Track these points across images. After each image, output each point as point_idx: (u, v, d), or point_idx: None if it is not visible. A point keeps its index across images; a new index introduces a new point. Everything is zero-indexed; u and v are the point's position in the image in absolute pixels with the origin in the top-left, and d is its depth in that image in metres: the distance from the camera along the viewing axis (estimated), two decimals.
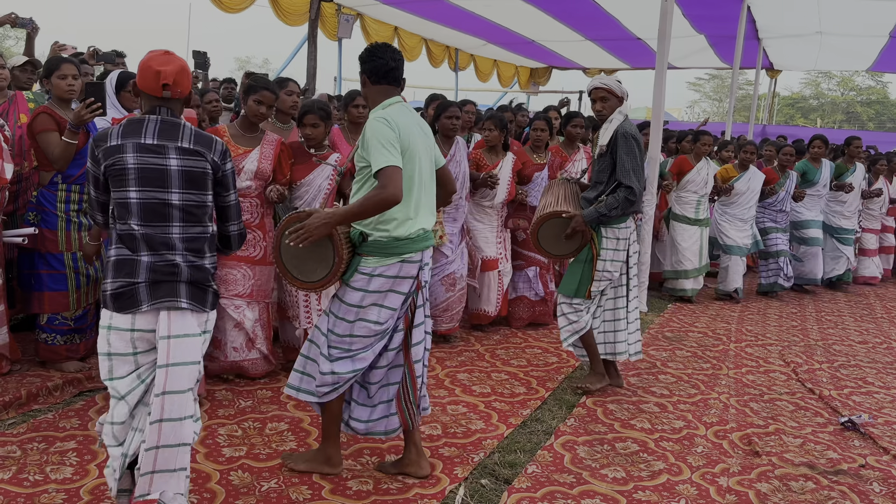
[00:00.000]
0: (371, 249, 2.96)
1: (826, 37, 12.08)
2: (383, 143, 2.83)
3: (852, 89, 50.61)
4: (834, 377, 5.11)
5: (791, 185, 7.54)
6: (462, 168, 5.06)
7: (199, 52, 6.81)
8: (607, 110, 4.21)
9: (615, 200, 4.09)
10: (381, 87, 3.05)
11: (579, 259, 4.30)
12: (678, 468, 3.50)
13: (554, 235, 4.30)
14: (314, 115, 4.16)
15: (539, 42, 14.35)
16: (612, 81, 4.22)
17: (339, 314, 3.02)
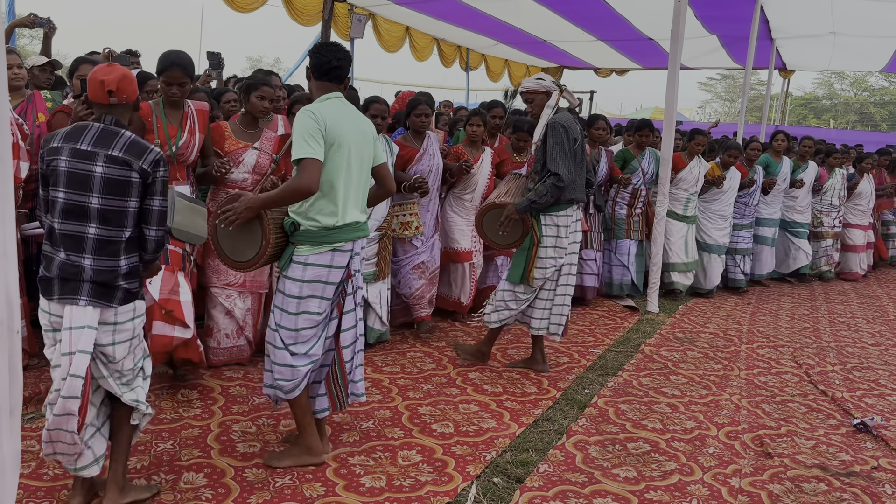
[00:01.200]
0: (302, 238, 3.10)
1: (840, 37, 12.02)
2: (304, 136, 2.96)
3: (865, 90, 50.26)
4: (846, 379, 5.10)
5: (759, 177, 7.76)
6: (435, 161, 5.24)
7: (212, 52, 6.84)
8: (537, 109, 4.41)
9: (543, 188, 4.28)
10: (322, 83, 3.21)
11: (523, 247, 4.50)
12: (690, 469, 3.51)
13: (497, 226, 4.49)
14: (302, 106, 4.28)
15: (550, 42, 14.34)
16: (531, 82, 4.40)
17: (283, 306, 3.15)
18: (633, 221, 6.88)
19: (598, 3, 10.66)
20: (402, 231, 5.15)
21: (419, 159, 5.18)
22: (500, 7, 11.41)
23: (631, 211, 6.87)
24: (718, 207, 7.52)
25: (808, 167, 8.35)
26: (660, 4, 10.19)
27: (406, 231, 5.15)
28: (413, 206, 5.17)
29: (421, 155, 5.18)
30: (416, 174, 5.09)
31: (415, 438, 3.65)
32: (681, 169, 7.02)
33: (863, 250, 9.26)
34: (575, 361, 5.02)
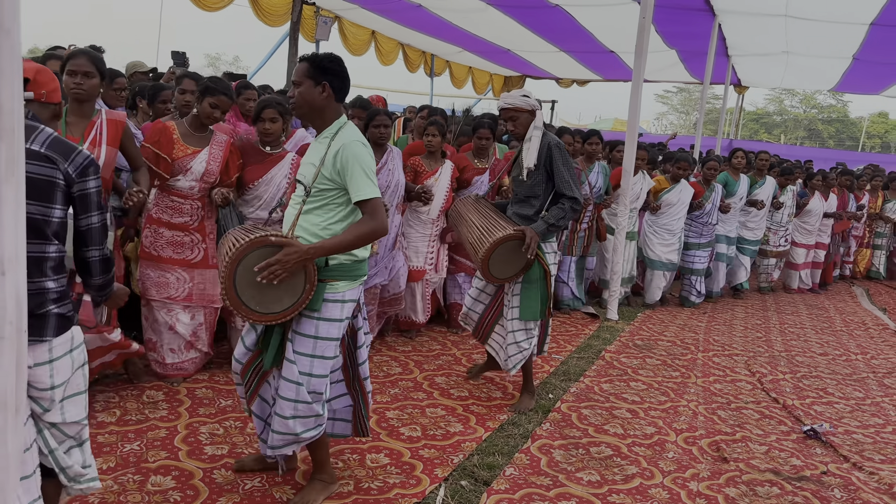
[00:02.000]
0: (338, 273, 2.82)
1: (792, 56, 12.44)
2: (367, 172, 2.73)
3: (814, 107, 51.86)
4: (797, 387, 5.29)
5: (717, 197, 7.63)
6: (395, 177, 4.91)
7: (177, 52, 6.80)
8: (520, 128, 4.07)
9: (562, 211, 3.99)
10: (337, 106, 2.87)
11: (531, 279, 4.07)
12: (650, 472, 3.62)
13: (502, 259, 3.96)
14: (272, 110, 4.08)
15: (514, 51, 14.53)
16: (516, 98, 4.05)
17: (319, 352, 2.84)
18: (577, 237, 6.67)
19: (563, 16, 10.86)
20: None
21: (377, 174, 4.75)
22: (465, 17, 11.53)
23: (576, 226, 6.65)
24: (665, 221, 7.34)
25: (766, 182, 8.29)
26: (622, 19, 10.46)
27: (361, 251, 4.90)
28: None
29: (379, 169, 4.79)
30: None
31: (383, 442, 3.70)
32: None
33: (804, 268, 9.25)
34: (538, 367, 5.11)
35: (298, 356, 2.83)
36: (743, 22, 10.53)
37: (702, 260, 7.74)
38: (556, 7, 10.41)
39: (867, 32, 10.07)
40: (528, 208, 4.12)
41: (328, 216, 2.80)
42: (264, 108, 4.09)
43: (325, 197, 2.79)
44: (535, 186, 4.08)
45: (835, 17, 9.47)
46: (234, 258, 2.64)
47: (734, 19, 10.43)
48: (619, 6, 9.87)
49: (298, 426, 2.86)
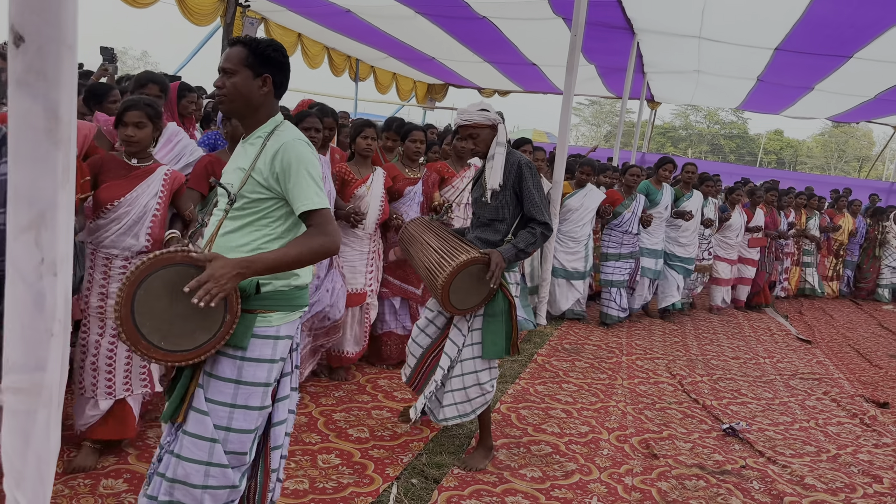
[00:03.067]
0: (272, 302, 2.29)
1: (703, 75, 13.13)
2: (315, 178, 2.25)
3: (717, 122, 54.41)
4: (714, 389, 5.65)
5: (638, 206, 7.31)
6: (326, 186, 4.29)
7: (105, 47, 6.62)
8: (482, 146, 3.62)
9: (532, 236, 3.56)
10: (276, 103, 2.42)
11: (494, 313, 3.58)
12: (588, 469, 3.83)
13: (463, 287, 3.45)
14: (139, 112, 3.21)
15: (438, 60, 14.74)
16: (474, 114, 3.60)
17: (240, 401, 2.24)
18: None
19: (489, 27, 11.13)
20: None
21: None
22: (393, 23, 11.66)
23: None
24: (568, 229, 7.08)
25: (693, 195, 8.01)
26: (546, 33, 10.83)
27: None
28: None
29: None
30: None
31: (332, 443, 3.77)
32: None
33: (727, 284, 8.98)
34: None
35: (213, 406, 2.23)
36: (660, 41, 11.06)
37: (622, 272, 7.34)
38: (483, 19, 10.67)
39: (772, 56, 10.77)
40: (492, 233, 3.66)
41: (260, 234, 2.28)
42: (128, 109, 3.23)
43: (256, 210, 2.28)
44: (502, 209, 3.63)
45: (744, 40, 10.09)
46: (132, 279, 2.06)
47: (652, 38, 10.95)
48: (544, 21, 10.22)
49: (208, 500, 2.24)
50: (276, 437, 2.41)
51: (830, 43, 9.67)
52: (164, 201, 3.33)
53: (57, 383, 1.34)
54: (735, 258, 8.97)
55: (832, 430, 4.97)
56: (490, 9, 10.11)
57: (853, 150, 52.45)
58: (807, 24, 8.90)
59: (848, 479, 4.07)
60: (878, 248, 11.51)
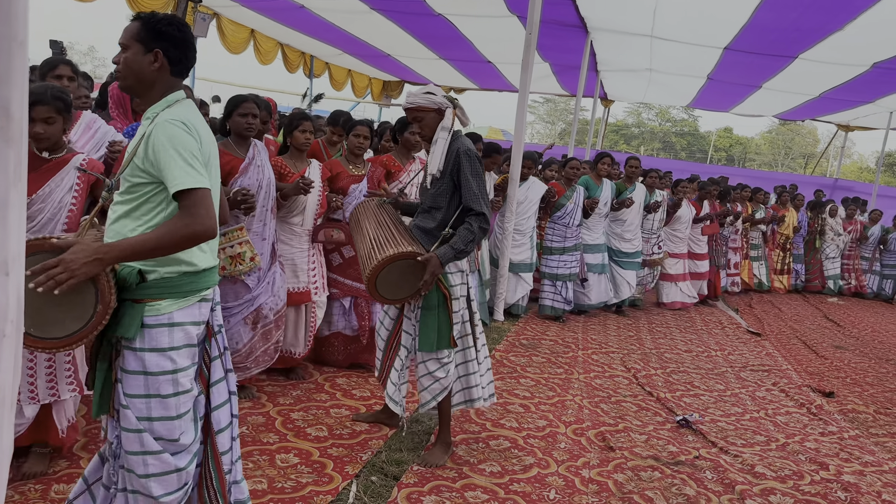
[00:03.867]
0: (158, 290, 2.22)
1: (655, 74, 13.33)
2: (186, 157, 2.14)
3: (668, 120, 55.37)
4: (667, 381, 5.76)
5: (579, 198, 7.40)
6: (266, 174, 4.21)
7: (55, 41, 6.45)
8: (426, 129, 3.60)
9: (470, 232, 3.49)
10: (173, 79, 2.32)
11: (429, 306, 3.58)
12: (546, 462, 3.87)
13: (394, 277, 3.46)
14: (47, 108, 2.98)
15: (394, 56, 14.69)
16: (420, 96, 3.58)
17: (153, 391, 2.23)
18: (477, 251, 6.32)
19: (445, 24, 11.12)
20: (234, 266, 3.98)
21: (244, 171, 4.10)
22: (348, 19, 11.58)
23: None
24: (518, 223, 7.07)
25: (636, 189, 8.08)
26: (502, 31, 10.88)
27: (239, 265, 3.99)
28: (240, 233, 4.00)
29: (247, 166, 4.11)
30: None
31: (290, 442, 3.74)
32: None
33: (681, 279, 9.00)
34: None
35: (131, 399, 2.23)
36: (612, 40, 11.19)
37: (568, 265, 7.40)
38: (439, 16, 10.66)
39: (721, 55, 10.98)
40: (430, 220, 3.64)
41: (145, 219, 2.22)
42: (34, 104, 2.97)
43: (139, 194, 2.21)
44: (439, 197, 3.60)
45: (694, 39, 10.27)
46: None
47: (605, 37, 11.07)
48: (499, 18, 10.26)
49: (154, 487, 2.24)
50: (218, 420, 2.40)
51: (777, 44, 9.92)
52: (81, 194, 3.15)
53: (10, 384, 1.31)
54: (685, 252, 9.09)
55: (781, 419, 5.11)
56: (446, 5, 10.10)
57: (799, 147, 53.91)
58: (754, 26, 9.11)
59: (796, 467, 4.19)
60: (819, 240, 11.88)
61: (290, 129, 4.55)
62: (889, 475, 4.26)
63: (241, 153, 4.14)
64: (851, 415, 5.44)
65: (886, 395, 6.14)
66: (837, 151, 25.51)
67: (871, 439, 4.92)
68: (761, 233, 11.08)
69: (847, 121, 16.71)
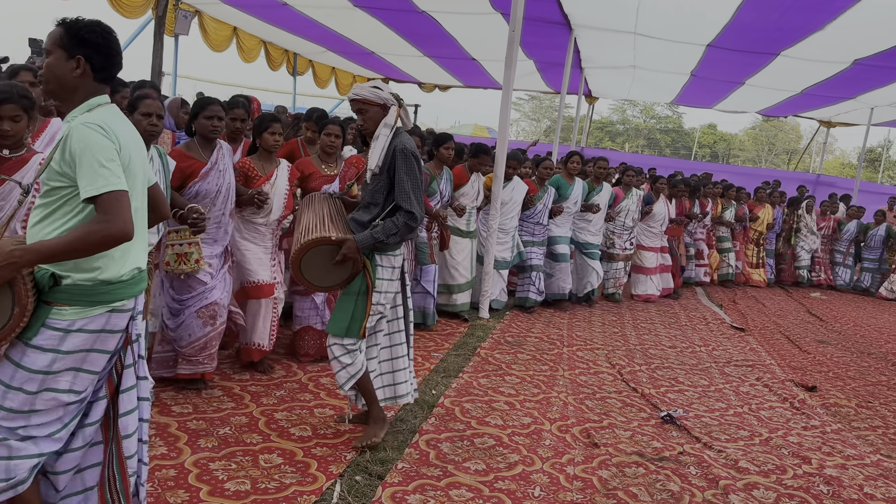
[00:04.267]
0: (68, 297, 2.22)
1: (639, 70, 13.38)
2: (102, 160, 2.14)
3: (653, 117, 55.59)
4: (652, 377, 5.77)
5: (549, 198, 7.57)
6: (226, 179, 4.24)
7: (35, 39, 6.39)
8: (369, 123, 3.66)
9: (394, 226, 3.59)
10: (98, 87, 2.34)
11: (350, 291, 3.68)
12: (531, 459, 3.87)
13: (321, 263, 3.62)
14: (14, 106, 3.12)
15: (378, 54, 14.66)
16: (366, 89, 3.63)
17: (15, 383, 2.22)
18: (431, 245, 6.38)
19: (429, 21, 11.11)
20: (178, 265, 4.05)
21: (205, 175, 4.13)
22: (331, 16, 11.54)
23: (430, 234, 6.36)
24: (501, 220, 7.15)
25: (603, 189, 8.26)
26: (486, 29, 10.88)
27: (183, 265, 4.05)
28: (193, 234, 4.03)
29: (208, 170, 4.13)
30: (198, 194, 4.12)
31: (274, 442, 3.72)
32: (462, 184, 6.69)
33: (654, 272, 9.26)
34: (419, 365, 5.28)
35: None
36: (596, 37, 11.22)
37: (538, 256, 7.64)
38: (423, 13, 10.65)
39: (704, 52, 11.05)
40: (366, 215, 3.71)
41: (61, 223, 2.22)
42: (4, 101, 3.12)
43: (57, 198, 2.22)
44: (377, 193, 3.68)
45: (678, 37, 10.32)
46: None
47: (589, 34, 11.09)
48: (483, 16, 10.26)
49: None
50: (125, 426, 2.41)
51: (759, 42, 9.99)
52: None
53: None
54: (658, 247, 9.30)
55: (764, 414, 5.14)
56: (430, 2, 10.09)
57: (782, 143, 54.27)
58: (737, 24, 9.17)
59: (779, 462, 4.22)
60: (793, 236, 12.14)
61: (260, 130, 4.55)
62: (871, 468, 4.30)
63: (205, 156, 4.17)
64: (834, 409, 5.48)
65: (868, 388, 6.20)
66: (820, 147, 25.72)
67: (853, 433, 4.96)
68: (730, 229, 11.23)
69: (829, 117, 16.85)
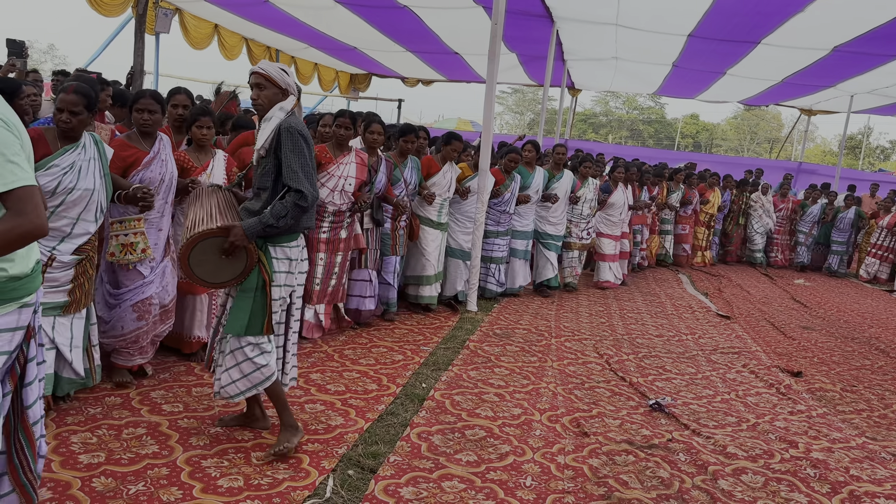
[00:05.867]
0: None
1: (621, 62, 13.44)
2: (8, 155, 2.05)
3: (636, 108, 55.80)
4: (639, 366, 5.82)
5: (516, 187, 7.65)
6: (168, 168, 4.26)
7: (13, 40, 6.32)
8: (264, 100, 3.48)
9: (283, 208, 3.40)
10: None
11: (246, 288, 3.48)
12: (522, 450, 3.90)
13: (211, 258, 3.40)
14: None
15: (360, 49, 14.63)
16: (273, 68, 3.49)
17: None
18: (398, 236, 6.30)
19: (410, 17, 11.10)
20: (124, 255, 4.01)
21: (147, 164, 4.13)
22: (313, 13, 11.50)
23: (395, 224, 6.26)
24: (469, 209, 7.16)
25: (563, 176, 8.26)
26: (467, 22, 10.88)
27: (129, 255, 4.02)
28: (137, 223, 4.05)
29: (151, 159, 4.15)
30: (141, 182, 4.07)
31: (265, 439, 3.72)
32: (433, 173, 6.66)
33: (613, 259, 9.37)
34: (409, 358, 5.30)
35: None
36: (578, 29, 11.26)
37: (501, 248, 7.71)
38: (404, 8, 10.64)
39: (686, 43, 11.11)
40: (257, 202, 3.55)
41: None
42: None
43: None
44: (265, 177, 3.52)
45: (659, 27, 10.37)
46: None
47: (570, 26, 11.13)
48: (464, 10, 10.26)
49: None
50: (34, 415, 2.44)
51: (739, 30, 10.04)
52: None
53: None
54: (618, 234, 9.41)
55: (751, 400, 5.20)
56: None
57: (764, 132, 54.66)
58: (717, 11, 9.21)
59: (766, 446, 4.27)
60: (742, 217, 12.85)
61: (190, 124, 4.58)
62: (856, 451, 4.36)
63: (146, 146, 4.17)
64: (819, 393, 5.55)
65: (852, 373, 6.28)
66: (801, 136, 25.91)
67: (838, 416, 5.03)
68: (674, 212, 11.67)
69: (810, 105, 16.99)
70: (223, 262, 3.41)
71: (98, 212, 3.70)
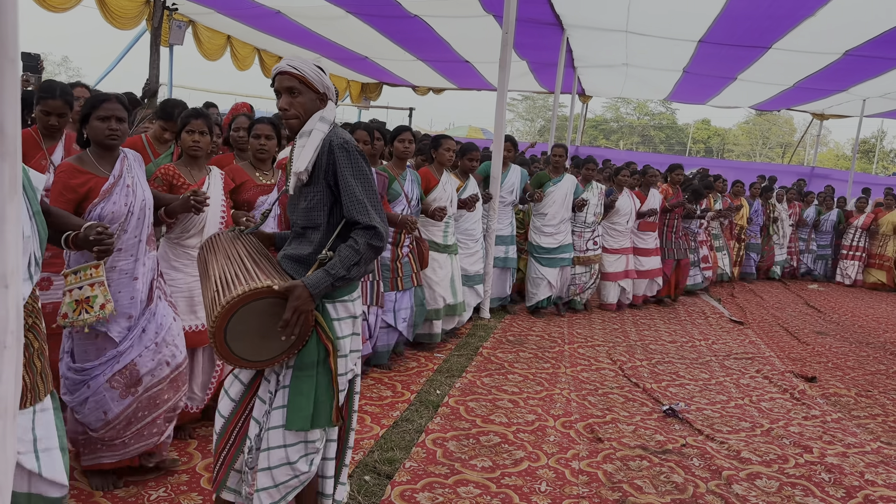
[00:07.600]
0: None
1: (631, 68, 13.45)
2: None
3: (647, 114, 55.70)
4: (653, 372, 5.83)
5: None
6: (139, 195, 3.12)
7: (28, 53, 6.42)
8: (299, 109, 2.61)
9: (354, 252, 2.49)
10: None
11: (304, 364, 2.51)
12: (536, 455, 3.93)
13: (256, 328, 2.41)
14: None
15: (371, 59, 14.73)
16: (308, 67, 2.59)
17: None
18: (400, 265, 5.18)
19: (421, 26, 11.18)
20: (78, 315, 2.91)
21: (106, 194, 3.02)
22: (324, 24, 11.60)
23: (397, 252, 5.16)
24: (467, 226, 6.37)
25: (563, 179, 7.33)
26: (478, 31, 10.96)
27: (85, 313, 2.91)
28: (95, 271, 2.94)
29: (110, 186, 3.03)
30: (102, 219, 2.98)
31: None
32: (433, 187, 5.59)
33: (619, 278, 8.10)
34: (423, 366, 5.34)
35: None
36: (588, 36, 11.29)
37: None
38: (414, 17, 10.71)
39: (696, 48, 11.11)
40: (304, 245, 2.64)
41: None
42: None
43: None
44: (313, 211, 2.60)
45: (669, 33, 10.39)
46: None
47: (580, 33, 11.17)
48: (475, 18, 10.33)
49: None
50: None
51: (750, 35, 10.05)
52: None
53: (12, 394, 1.34)
54: (627, 247, 8.16)
55: (765, 405, 5.20)
56: (421, 7, 10.15)
57: (776, 137, 54.41)
58: (727, 16, 9.23)
59: (781, 451, 4.27)
60: (772, 226, 11.73)
61: (178, 130, 3.71)
62: (871, 455, 4.36)
63: (105, 170, 3.08)
64: (833, 398, 5.54)
65: (867, 378, 6.26)
66: (814, 140, 25.82)
67: (853, 421, 5.02)
68: (720, 224, 10.59)
69: (822, 109, 16.93)
70: (271, 333, 2.43)
71: (32, 266, 2.24)
